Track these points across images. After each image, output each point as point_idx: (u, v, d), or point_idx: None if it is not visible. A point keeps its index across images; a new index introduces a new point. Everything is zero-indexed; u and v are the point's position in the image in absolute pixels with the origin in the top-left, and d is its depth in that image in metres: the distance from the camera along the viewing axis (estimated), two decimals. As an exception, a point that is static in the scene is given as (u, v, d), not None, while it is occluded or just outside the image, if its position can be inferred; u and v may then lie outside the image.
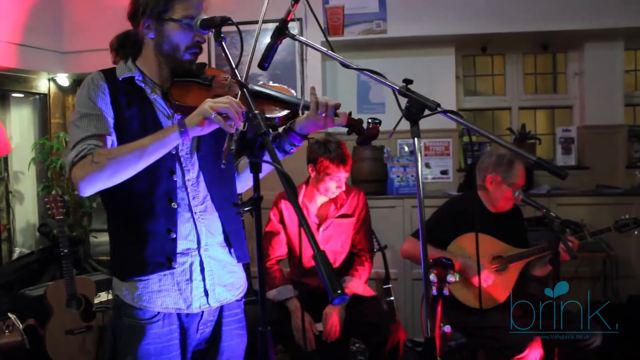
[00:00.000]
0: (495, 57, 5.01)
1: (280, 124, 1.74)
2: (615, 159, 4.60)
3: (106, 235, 1.83)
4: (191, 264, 1.75)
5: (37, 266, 4.46)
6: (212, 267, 1.79)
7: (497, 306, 2.99)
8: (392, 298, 3.90)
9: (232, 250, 1.85)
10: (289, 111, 1.74)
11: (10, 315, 3.48)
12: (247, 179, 1.96)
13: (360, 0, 4.42)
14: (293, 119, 1.78)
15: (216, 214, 1.81)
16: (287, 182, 1.21)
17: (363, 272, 3.15)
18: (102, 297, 3.82)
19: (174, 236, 1.71)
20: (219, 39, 1.59)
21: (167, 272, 1.72)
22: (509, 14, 4.35)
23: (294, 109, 1.75)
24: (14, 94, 5.15)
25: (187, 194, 1.75)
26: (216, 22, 1.61)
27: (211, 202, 1.80)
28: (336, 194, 3.07)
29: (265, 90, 1.76)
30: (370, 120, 1.72)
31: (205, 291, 1.77)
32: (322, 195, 3.10)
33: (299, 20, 4.29)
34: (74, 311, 3.56)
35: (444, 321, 2.62)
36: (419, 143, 1.43)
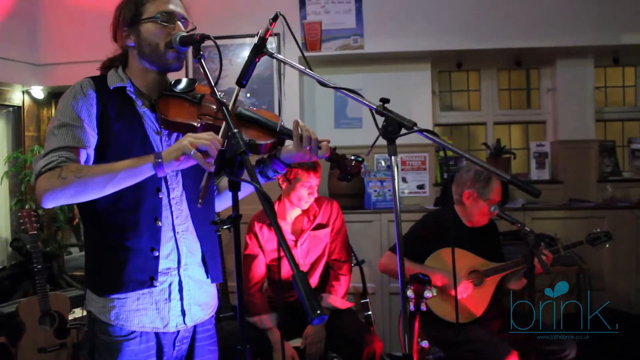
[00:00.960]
0: (470, 72, 5.09)
1: (266, 151, 1.72)
2: (587, 173, 4.69)
3: (79, 249, 1.80)
4: (170, 284, 1.73)
5: (8, 282, 4.37)
6: (189, 287, 1.77)
7: (475, 320, 3.02)
8: (369, 312, 3.90)
9: (208, 270, 1.83)
10: (275, 139, 1.72)
11: (-20, 333, 3.41)
12: (226, 198, 1.95)
13: (338, 16, 4.46)
14: (279, 147, 1.77)
15: (195, 233, 1.79)
16: (266, 201, 1.21)
17: (339, 287, 3.19)
18: (77, 313, 3.75)
19: (157, 254, 1.69)
20: (198, 56, 1.59)
21: (146, 290, 1.69)
22: (484, 31, 4.44)
23: (280, 137, 1.74)
24: (-14, 107, 5.07)
25: (171, 212, 1.73)
26: (195, 39, 1.60)
27: (191, 221, 1.78)
28: (309, 203, 3.09)
29: (255, 116, 1.73)
30: (353, 157, 1.73)
31: (183, 311, 1.75)
32: (295, 208, 3.12)
33: (276, 35, 4.31)
34: (47, 328, 3.49)
35: (421, 336, 2.64)
36: (395, 161, 1.45)
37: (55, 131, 1.61)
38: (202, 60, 1.57)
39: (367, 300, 3.90)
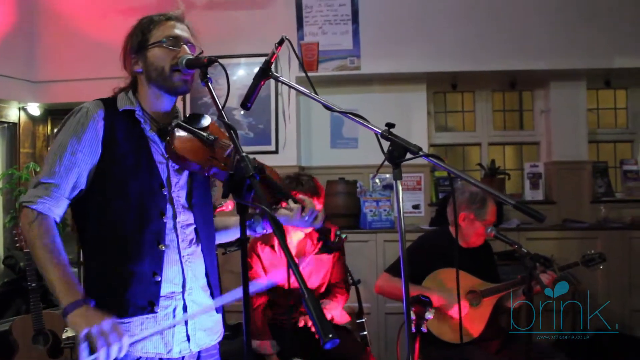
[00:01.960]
0: (465, 94, 5.15)
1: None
2: (580, 194, 4.74)
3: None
4: (175, 308, 1.71)
5: (1, 300, 4.32)
6: (195, 312, 1.75)
7: (472, 340, 3.02)
8: (365, 332, 3.90)
9: (214, 295, 1.83)
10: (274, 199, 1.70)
11: (-27, 352, 3.37)
12: (224, 236, 1.99)
13: (335, 38, 4.51)
14: (275, 206, 1.74)
15: (202, 258, 1.79)
16: (275, 225, 1.22)
17: (341, 298, 3.21)
18: (71, 332, 3.72)
19: (159, 279, 1.67)
20: (205, 79, 1.58)
21: (150, 315, 1.66)
22: (478, 53, 4.51)
23: (278, 198, 1.71)
24: (-18, 123, 5.06)
25: (177, 236, 1.72)
26: (202, 62, 1.60)
27: (199, 245, 1.78)
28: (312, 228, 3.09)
29: (269, 178, 1.67)
30: (338, 233, 1.74)
31: (187, 336, 1.73)
32: (298, 231, 3.10)
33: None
34: (40, 347, 3.46)
35: (420, 357, 2.64)
36: (400, 185, 1.47)
37: (51, 158, 1.64)
38: (209, 84, 1.58)
39: (363, 320, 3.89)
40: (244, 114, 4.50)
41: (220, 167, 1.64)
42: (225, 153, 1.66)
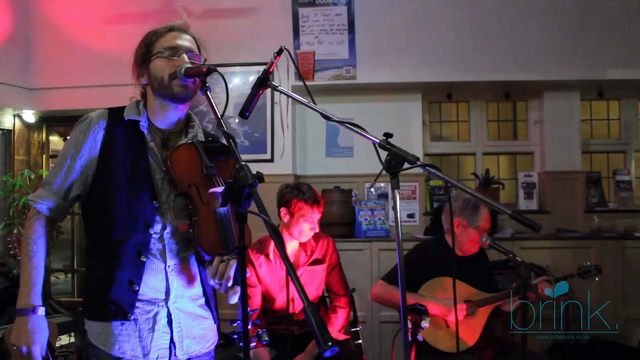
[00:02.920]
0: (460, 104, 5.18)
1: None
2: (574, 203, 4.77)
3: (64, 274, 1.92)
4: (156, 314, 1.75)
5: (-6, 308, 4.29)
6: (180, 319, 1.79)
7: (467, 349, 3.03)
8: (360, 341, 3.89)
9: (209, 303, 1.88)
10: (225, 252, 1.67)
11: (-35, 361, 3.34)
12: None
13: (331, 47, 4.54)
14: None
15: (195, 267, 1.83)
16: (274, 233, 1.23)
17: (336, 320, 3.20)
18: (64, 340, 3.70)
19: (137, 289, 1.72)
20: (204, 88, 1.62)
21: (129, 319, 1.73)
22: (473, 64, 4.54)
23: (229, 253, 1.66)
24: (-24, 130, 5.05)
25: (164, 246, 1.76)
26: (201, 71, 1.64)
27: (191, 255, 1.82)
28: (309, 237, 3.09)
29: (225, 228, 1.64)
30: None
31: (173, 343, 1.77)
32: (293, 240, 3.10)
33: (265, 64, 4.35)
34: (33, 356, 3.43)
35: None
36: (398, 194, 1.48)
37: (57, 161, 1.78)
38: (207, 92, 1.61)
39: (358, 328, 3.89)
40: (240, 122, 4.51)
41: (194, 197, 1.72)
42: (210, 189, 1.71)
